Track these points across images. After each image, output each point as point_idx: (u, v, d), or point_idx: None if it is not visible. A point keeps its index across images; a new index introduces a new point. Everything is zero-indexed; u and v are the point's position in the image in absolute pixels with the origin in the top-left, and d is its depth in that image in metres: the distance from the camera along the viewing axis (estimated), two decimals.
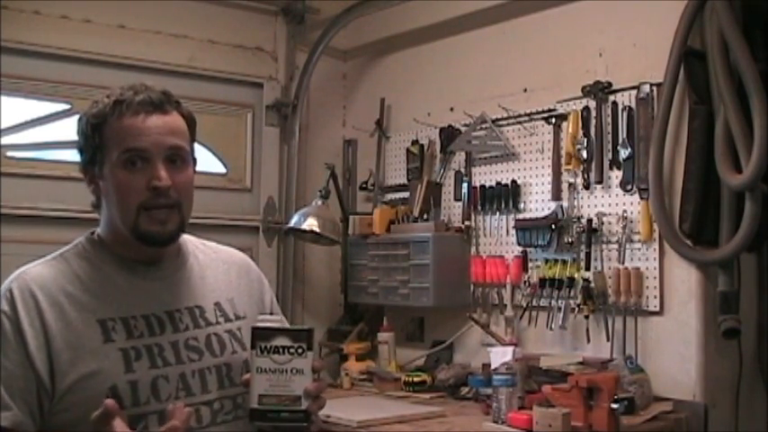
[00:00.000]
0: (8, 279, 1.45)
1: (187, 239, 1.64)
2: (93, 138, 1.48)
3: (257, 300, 1.66)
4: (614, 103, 2.72)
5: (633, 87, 2.66)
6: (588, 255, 2.69)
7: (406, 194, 3.34)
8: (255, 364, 1.40)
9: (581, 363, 2.58)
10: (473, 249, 3.09)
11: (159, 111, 1.48)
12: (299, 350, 1.40)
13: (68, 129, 2.95)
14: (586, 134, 2.76)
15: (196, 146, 1.60)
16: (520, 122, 2.99)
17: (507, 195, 2.98)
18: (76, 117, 1.54)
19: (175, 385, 1.44)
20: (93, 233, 1.56)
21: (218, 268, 1.64)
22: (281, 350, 1.40)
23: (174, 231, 1.50)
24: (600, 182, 2.73)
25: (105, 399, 1.34)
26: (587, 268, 2.69)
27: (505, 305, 2.91)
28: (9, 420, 1.34)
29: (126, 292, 1.49)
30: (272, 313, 1.66)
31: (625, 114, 2.68)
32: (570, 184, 2.80)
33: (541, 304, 2.82)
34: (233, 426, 1.49)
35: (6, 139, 2.91)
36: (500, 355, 2.44)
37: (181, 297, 1.54)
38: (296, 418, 1.39)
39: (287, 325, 1.68)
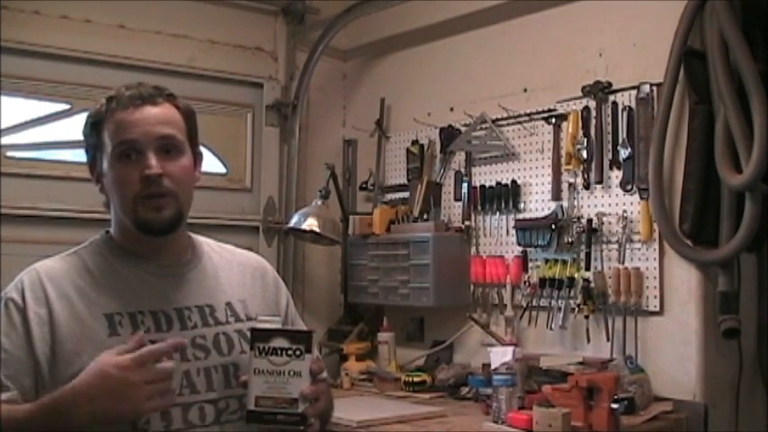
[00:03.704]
0: (23, 272, 1.50)
1: (203, 241, 1.67)
2: (92, 137, 1.53)
3: (272, 303, 1.66)
4: (614, 103, 2.72)
5: (633, 87, 2.66)
6: (588, 255, 2.69)
7: (406, 194, 3.34)
8: (253, 365, 1.41)
9: (581, 363, 2.58)
10: (473, 249, 3.09)
11: (149, 103, 1.50)
12: (297, 352, 1.40)
13: (68, 129, 2.96)
14: (586, 134, 2.76)
15: None
16: (520, 122, 2.98)
17: (507, 195, 2.98)
18: (77, 117, 1.55)
19: (179, 382, 1.44)
20: (107, 231, 1.59)
21: (232, 270, 1.65)
22: (278, 352, 1.40)
23: (172, 218, 1.51)
24: (600, 182, 2.72)
25: None
26: (587, 268, 2.69)
27: (505, 305, 2.91)
28: (5, 400, 1.37)
29: (136, 287, 1.50)
30: (287, 317, 1.67)
31: (625, 114, 2.68)
32: (570, 184, 2.80)
33: (541, 304, 2.82)
34: (238, 425, 1.48)
35: (6, 139, 2.90)
36: (500, 355, 2.44)
37: (191, 295, 1.55)
38: (292, 421, 1.39)
39: (301, 326, 1.68)
